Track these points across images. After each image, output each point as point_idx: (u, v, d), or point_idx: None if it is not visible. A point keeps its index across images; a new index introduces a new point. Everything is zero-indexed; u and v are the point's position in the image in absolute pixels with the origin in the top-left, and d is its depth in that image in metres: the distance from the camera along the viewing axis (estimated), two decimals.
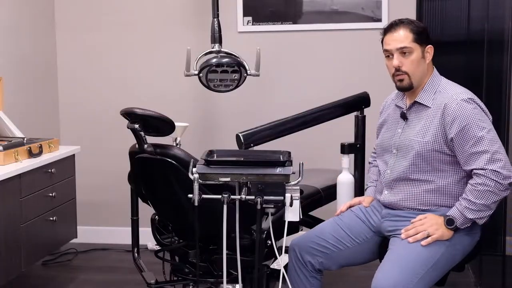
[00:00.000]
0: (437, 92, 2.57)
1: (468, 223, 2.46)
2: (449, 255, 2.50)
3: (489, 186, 2.41)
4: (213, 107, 4.39)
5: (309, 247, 2.70)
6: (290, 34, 4.27)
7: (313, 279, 2.70)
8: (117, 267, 4.09)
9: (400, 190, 2.62)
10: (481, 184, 2.42)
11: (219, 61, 3.64)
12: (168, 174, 2.78)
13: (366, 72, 4.18)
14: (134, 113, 2.76)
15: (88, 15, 4.46)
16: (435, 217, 2.50)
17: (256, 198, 2.45)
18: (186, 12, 4.36)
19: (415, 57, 2.56)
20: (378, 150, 2.80)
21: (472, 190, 2.44)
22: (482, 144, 2.43)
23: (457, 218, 2.46)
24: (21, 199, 3.23)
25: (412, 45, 2.56)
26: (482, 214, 2.45)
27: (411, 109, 2.63)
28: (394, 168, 2.64)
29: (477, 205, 2.43)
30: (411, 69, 2.57)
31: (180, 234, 2.97)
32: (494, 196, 2.42)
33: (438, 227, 2.47)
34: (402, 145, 2.62)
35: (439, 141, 2.51)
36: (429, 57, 2.59)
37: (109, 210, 4.53)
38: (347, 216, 2.77)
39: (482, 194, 2.42)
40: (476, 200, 2.43)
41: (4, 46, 3.88)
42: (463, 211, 2.45)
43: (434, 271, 2.46)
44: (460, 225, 2.46)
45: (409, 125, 2.62)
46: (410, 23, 2.59)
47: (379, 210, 2.71)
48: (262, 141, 3.09)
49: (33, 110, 4.18)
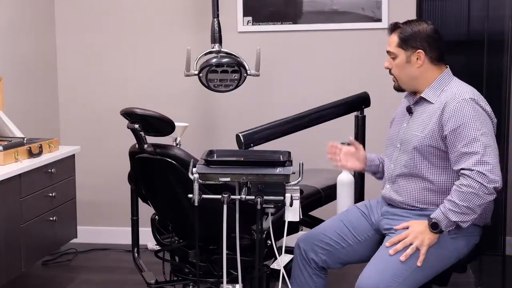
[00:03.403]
0: (444, 90, 2.58)
1: (452, 225, 2.44)
2: (439, 256, 2.49)
3: (473, 188, 2.38)
4: (213, 107, 4.39)
5: (313, 244, 2.71)
6: (290, 34, 4.27)
7: (317, 277, 2.70)
8: (117, 267, 4.09)
9: (401, 186, 2.63)
10: (466, 185, 2.40)
11: (219, 61, 3.64)
12: (168, 174, 2.78)
13: (366, 72, 4.18)
14: (134, 113, 2.77)
15: (88, 15, 4.46)
16: (419, 224, 2.48)
17: (256, 198, 2.45)
18: (186, 12, 4.36)
19: (398, 61, 2.62)
20: (386, 144, 2.80)
21: (457, 191, 2.42)
22: (474, 145, 2.41)
23: (441, 221, 2.43)
24: (21, 199, 3.23)
25: (396, 50, 2.61)
26: (465, 217, 2.41)
27: (417, 105, 2.64)
28: (396, 163, 2.66)
29: (460, 207, 2.40)
30: (396, 72, 2.65)
31: (180, 234, 2.97)
32: (478, 199, 2.39)
33: (424, 235, 2.44)
34: (405, 139, 2.63)
35: (436, 137, 2.51)
36: (418, 62, 2.58)
37: (109, 210, 4.53)
38: (352, 213, 2.78)
39: (466, 196, 2.39)
40: (460, 202, 2.40)
41: (4, 46, 3.88)
42: (447, 213, 2.42)
43: (421, 272, 2.45)
44: (444, 228, 2.44)
45: (413, 119, 2.64)
46: (401, 28, 2.61)
47: (381, 207, 2.72)
48: (262, 141, 3.09)
49: (33, 110, 4.18)
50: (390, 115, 2.88)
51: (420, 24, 2.61)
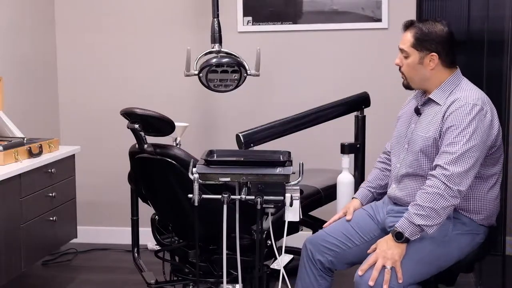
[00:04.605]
0: (452, 92, 2.56)
1: (418, 232, 2.42)
2: (442, 252, 2.50)
3: (438, 188, 2.38)
4: (213, 107, 4.39)
5: (320, 245, 2.71)
6: (290, 34, 4.27)
7: (322, 278, 2.70)
8: (117, 267, 4.09)
9: (406, 185, 2.62)
10: (431, 186, 2.40)
11: (219, 61, 3.64)
12: (168, 174, 2.78)
13: (366, 72, 4.18)
14: (134, 113, 2.77)
15: (88, 15, 4.46)
16: (383, 241, 2.47)
17: (256, 198, 2.45)
18: (186, 12, 4.36)
19: (410, 61, 2.59)
20: (393, 142, 2.79)
21: (421, 193, 2.42)
22: (456, 146, 2.41)
23: (405, 229, 2.42)
24: (21, 199, 3.23)
25: (410, 50, 2.58)
26: (430, 220, 2.39)
27: (425, 105, 2.63)
28: (403, 163, 2.65)
29: (425, 209, 2.39)
30: (407, 71, 2.62)
31: (180, 234, 2.97)
32: (443, 200, 2.38)
33: (391, 251, 2.42)
34: (412, 140, 2.62)
35: (437, 138, 2.52)
36: (431, 64, 2.56)
37: (109, 210, 4.53)
38: (358, 213, 2.78)
39: (431, 196, 2.38)
40: (424, 203, 2.39)
41: (4, 46, 3.88)
42: (411, 218, 2.41)
43: (420, 266, 2.46)
44: (409, 236, 2.41)
45: (420, 121, 2.63)
46: (417, 27, 2.57)
47: (387, 206, 2.72)
48: (262, 141, 3.09)
49: (33, 110, 4.18)
50: (390, 115, 2.89)
51: (437, 25, 2.57)
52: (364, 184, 2.91)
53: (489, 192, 2.57)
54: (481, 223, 2.58)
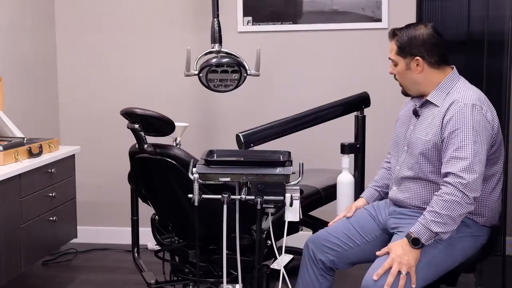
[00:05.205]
0: (449, 93, 2.56)
1: (433, 238, 2.42)
2: (447, 254, 2.49)
3: (456, 196, 2.38)
4: (213, 107, 4.39)
5: (321, 245, 2.71)
6: (290, 34, 4.27)
7: (323, 278, 2.70)
8: (117, 267, 4.09)
9: (407, 188, 2.62)
10: (448, 193, 2.39)
11: (219, 61, 3.64)
12: (168, 174, 2.78)
13: (366, 72, 4.18)
14: (134, 113, 2.77)
15: (88, 15, 4.46)
16: (398, 246, 2.44)
17: (256, 198, 2.45)
18: (186, 12, 4.36)
19: (399, 69, 2.62)
20: (392, 145, 2.79)
21: (439, 200, 2.41)
22: (465, 151, 2.41)
23: (422, 235, 2.41)
24: (21, 199, 3.23)
25: (396, 57, 2.62)
26: (447, 227, 2.39)
27: (423, 107, 2.63)
28: (403, 165, 2.65)
29: (442, 217, 2.38)
30: (400, 78, 2.66)
31: (180, 234, 2.97)
32: (460, 208, 2.38)
33: (407, 256, 2.40)
34: (411, 142, 2.62)
35: (438, 141, 2.51)
36: (418, 68, 2.57)
37: (109, 210, 4.53)
38: (360, 213, 2.78)
39: (449, 204, 2.38)
40: (442, 211, 2.38)
41: (4, 46, 3.88)
42: (428, 225, 2.40)
43: (429, 269, 2.45)
44: (425, 242, 2.41)
45: (419, 123, 2.63)
46: (398, 35, 2.60)
47: (389, 207, 2.72)
48: (262, 141, 3.09)
49: (33, 110, 4.18)
50: (390, 115, 2.89)
51: (418, 29, 2.58)
52: (371, 184, 2.92)
53: (491, 194, 2.58)
54: (484, 224, 2.58)
